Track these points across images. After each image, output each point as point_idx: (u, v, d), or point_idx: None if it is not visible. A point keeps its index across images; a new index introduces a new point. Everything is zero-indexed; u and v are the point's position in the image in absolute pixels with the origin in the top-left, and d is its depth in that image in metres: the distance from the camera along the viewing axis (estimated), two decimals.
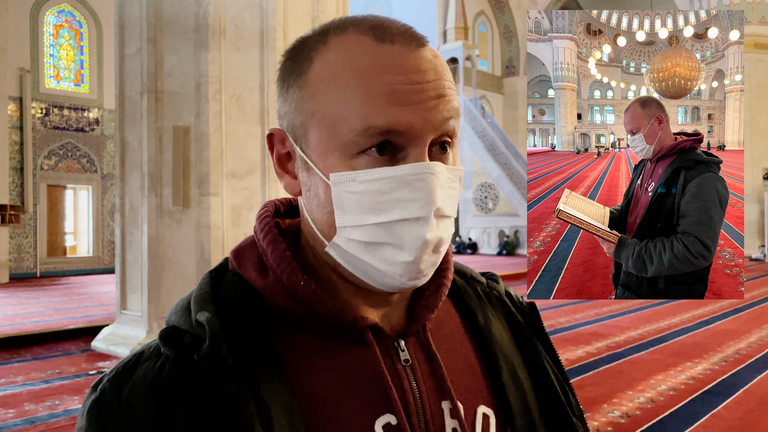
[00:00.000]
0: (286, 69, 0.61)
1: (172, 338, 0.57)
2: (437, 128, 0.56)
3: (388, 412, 0.58)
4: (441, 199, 0.56)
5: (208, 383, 0.54)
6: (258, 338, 0.57)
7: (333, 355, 0.60)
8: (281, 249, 0.61)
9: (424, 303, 0.64)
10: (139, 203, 6.16)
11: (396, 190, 0.55)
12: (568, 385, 0.72)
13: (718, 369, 5.63)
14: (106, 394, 0.56)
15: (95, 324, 7.56)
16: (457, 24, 25.65)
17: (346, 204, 0.56)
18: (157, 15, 5.99)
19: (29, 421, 4.25)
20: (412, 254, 0.56)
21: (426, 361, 0.63)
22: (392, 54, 0.56)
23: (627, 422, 4.16)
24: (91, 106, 16.77)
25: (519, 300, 0.77)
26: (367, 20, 0.58)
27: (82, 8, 16.87)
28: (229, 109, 5.91)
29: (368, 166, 0.55)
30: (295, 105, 0.59)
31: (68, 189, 16.73)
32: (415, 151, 0.55)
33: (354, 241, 0.57)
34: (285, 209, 0.70)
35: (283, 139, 0.62)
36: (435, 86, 0.56)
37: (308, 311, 0.60)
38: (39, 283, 14.16)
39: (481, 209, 24.09)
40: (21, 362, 6.12)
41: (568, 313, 8.93)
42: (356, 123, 0.54)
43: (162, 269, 5.99)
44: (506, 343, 0.70)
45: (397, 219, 0.55)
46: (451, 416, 0.61)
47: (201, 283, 0.62)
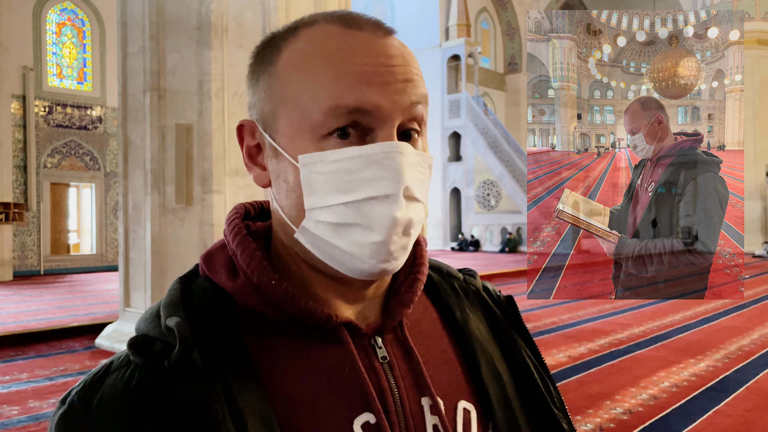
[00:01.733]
0: (256, 61, 0.62)
1: (141, 346, 0.56)
2: (405, 111, 0.56)
3: (367, 410, 0.57)
4: (409, 179, 0.55)
5: (179, 389, 0.53)
6: (230, 342, 0.56)
7: (308, 355, 0.59)
8: (251, 249, 0.60)
9: (399, 299, 0.64)
10: (142, 201, 6.18)
11: (364, 169, 0.55)
12: (549, 378, 0.72)
13: (720, 366, 5.63)
14: (74, 407, 0.55)
15: (99, 321, 7.58)
16: (460, 21, 25.59)
17: (314, 185, 0.56)
18: (159, 13, 6.00)
19: (34, 418, 4.28)
20: (382, 234, 0.55)
21: (404, 358, 0.62)
22: (360, 39, 0.57)
23: (629, 419, 4.17)
24: (93, 104, 16.79)
25: (497, 294, 0.77)
26: (336, 12, 0.59)
27: (85, 6, 16.88)
28: (232, 106, 5.92)
29: (336, 147, 0.55)
30: (264, 93, 0.59)
31: (71, 187, 16.77)
32: (383, 133, 0.55)
33: (323, 223, 0.56)
34: (255, 212, 0.69)
35: (253, 130, 0.62)
36: (403, 71, 0.57)
37: (280, 311, 0.59)
38: (43, 280, 14.20)
39: (484, 206, 24.06)
40: (25, 359, 6.15)
41: (570, 310, 8.93)
42: (324, 103, 0.54)
43: (165, 267, 6.01)
44: (485, 337, 0.69)
45: (366, 197, 0.55)
46: (432, 412, 0.60)
47: (170, 290, 0.61)
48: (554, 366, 5.63)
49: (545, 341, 6.75)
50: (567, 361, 5.80)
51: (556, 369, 5.51)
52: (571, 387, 4.94)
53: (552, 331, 7.36)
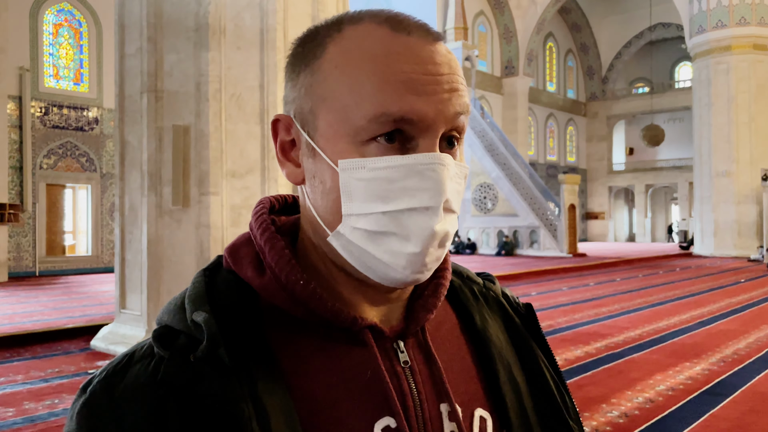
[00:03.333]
0: (297, 55, 0.60)
1: (166, 339, 0.55)
2: (449, 121, 0.56)
3: (388, 414, 0.57)
4: (450, 191, 0.55)
5: (205, 385, 0.52)
6: (255, 339, 0.56)
7: (331, 355, 0.59)
8: (280, 247, 0.59)
9: (423, 304, 0.63)
10: (138, 202, 6.17)
11: (406, 178, 0.54)
12: (564, 388, 0.72)
13: (716, 369, 5.64)
14: (96, 395, 0.54)
15: (94, 323, 7.56)
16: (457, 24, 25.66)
17: (353, 191, 0.55)
18: (157, 14, 5.99)
19: (29, 419, 4.26)
20: (419, 245, 0.54)
21: (425, 363, 0.62)
22: (408, 44, 0.55)
23: (626, 422, 4.17)
24: (90, 105, 16.76)
25: (516, 301, 0.76)
26: (383, 12, 0.58)
27: (82, 7, 16.86)
28: (229, 108, 5.91)
29: (378, 154, 0.54)
30: (305, 90, 0.58)
31: (67, 188, 16.73)
32: (425, 142, 0.55)
33: (359, 230, 0.55)
34: (280, 206, 0.69)
35: (288, 126, 0.61)
36: (449, 80, 0.56)
37: (306, 311, 0.58)
38: (38, 282, 14.15)
39: (480, 209, 24.09)
40: (20, 361, 6.13)
41: (567, 313, 8.94)
42: (369, 109, 0.54)
43: (161, 268, 5.99)
44: (503, 344, 0.69)
45: (406, 208, 0.54)
46: (449, 419, 0.60)
47: (195, 282, 0.60)
48: None
49: None
50: (563, 364, 5.81)
51: None
52: None
53: (549, 334, 7.36)
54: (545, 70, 36.81)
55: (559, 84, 38.01)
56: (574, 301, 10.43)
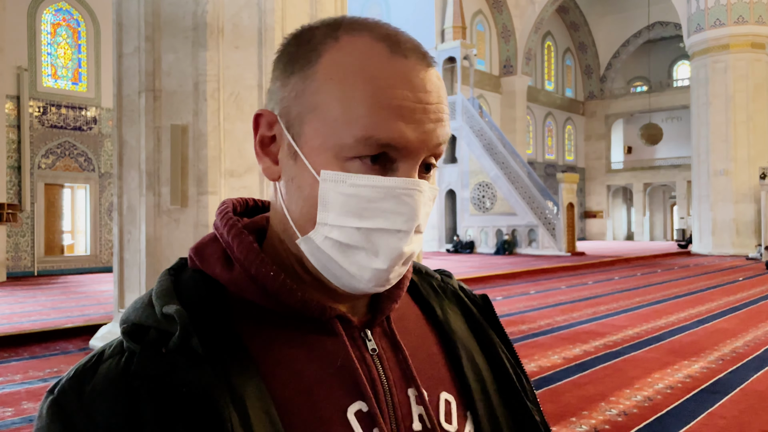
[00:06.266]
0: (290, 54, 0.61)
1: (135, 334, 0.56)
2: (430, 150, 0.58)
3: (359, 399, 0.59)
4: (422, 216, 0.58)
5: (180, 375, 0.53)
6: (226, 331, 0.57)
7: (302, 345, 0.60)
8: (248, 242, 0.61)
9: (388, 294, 0.66)
10: (137, 202, 6.16)
11: (383, 200, 0.56)
12: (522, 371, 0.76)
13: (715, 367, 5.66)
14: (65, 393, 0.54)
15: (93, 323, 7.56)
16: (455, 23, 25.64)
17: (331, 202, 0.57)
18: (155, 14, 5.98)
19: (27, 419, 4.25)
20: (386, 263, 0.57)
21: (391, 350, 0.65)
22: (404, 69, 0.57)
23: (624, 420, 4.18)
24: (88, 104, 16.75)
25: (472, 294, 0.81)
26: (380, 27, 0.59)
27: (80, 7, 16.84)
28: (227, 107, 5.91)
29: (359, 171, 0.56)
30: (295, 94, 0.59)
31: (66, 188, 16.71)
32: (405, 166, 0.57)
33: (330, 239, 0.57)
34: (242, 209, 0.70)
35: (272, 123, 0.61)
36: (436, 109, 0.58)
37: (276, 302, 0.60)
38: (36, 281, 14.14)
39: (479, 208, 24.10)
40: (19, 361, 6.13)
41: (565, 312, 8.95)
42: (358, 131, 0.55)
43: (160, 268, 5.99)
44: (463, 333, 0.73)
45: (379, 227, 0.56)
46: (417, 402, 0.63)
47: (161, 280, 0.61)
48: (549, 367, 5.64)
49: (540, 343, 6.76)
50: (562, 363, 5.81)
51: (550, 370, 5.52)
52: (566, 388, 4.95)
53: (547, 332, 7.37)
54: (543, 69, 36.83)
55: (557, 83, 38.03)
56: (573, 299, 10.45)
